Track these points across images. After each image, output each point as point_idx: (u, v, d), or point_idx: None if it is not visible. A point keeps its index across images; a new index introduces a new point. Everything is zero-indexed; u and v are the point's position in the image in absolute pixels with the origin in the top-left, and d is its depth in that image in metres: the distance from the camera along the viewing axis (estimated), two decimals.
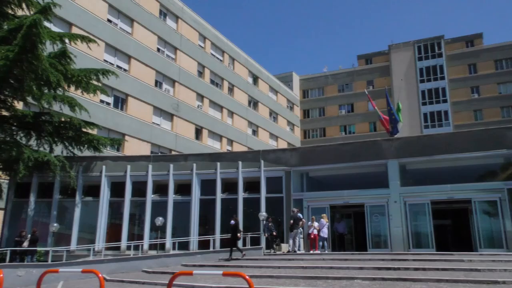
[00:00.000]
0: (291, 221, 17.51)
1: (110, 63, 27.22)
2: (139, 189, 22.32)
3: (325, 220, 18.08)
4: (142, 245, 20.16)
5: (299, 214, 17.96)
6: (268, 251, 17.57)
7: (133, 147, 27.65)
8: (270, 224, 17.95)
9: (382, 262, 12.51)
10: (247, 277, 5.39)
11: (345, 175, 21.14)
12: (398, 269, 11.15)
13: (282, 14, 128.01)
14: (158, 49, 31.35)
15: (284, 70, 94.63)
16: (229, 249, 16.19)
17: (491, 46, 46.90)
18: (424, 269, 10.91)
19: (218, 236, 20.45)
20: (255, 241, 19.26)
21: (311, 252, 17.31)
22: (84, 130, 21.59)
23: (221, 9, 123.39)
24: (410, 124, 45.09)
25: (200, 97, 34.87)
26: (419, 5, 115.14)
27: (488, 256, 13.09)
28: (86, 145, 21.71)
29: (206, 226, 21.64)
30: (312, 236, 17.74)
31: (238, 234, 16.01)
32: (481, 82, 45.88)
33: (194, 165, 21.91)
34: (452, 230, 22.81)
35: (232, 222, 16.31)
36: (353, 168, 20.19)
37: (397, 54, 49.78)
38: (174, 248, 20.09)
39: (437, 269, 10.84)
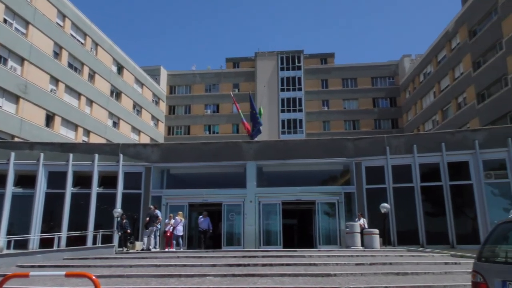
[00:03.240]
0: (147, 219, 17.05)
1: None
2: None
3: (179, 218, 17.98)
4: None
5: (157, 212, 17.60)
6: (121, 249, 16.79)
7: None
8: (124, 221, 17.19)
9: (234, 259, 13.02)
10: (93, 277, 5.06)
11: (206, 174, 21.50)
12: (248, 265, 11.75)
13: (153, 5, 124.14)
14: (5, 20, 27.33)
15: (152, 63, 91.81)
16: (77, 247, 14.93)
17: (340, 65, 53.09)
18: (271, 264, 11.72)
19: (64, 233, 18.78)
20: (108, 239, 18.23)
21: (166, 250, 17.11)
22: None
23: None
24: (269, 129, 48.10)
25: (55, 80, 31.48)
26: (284, 19, 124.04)
27: (325, 252, 14.69)
28: None
29: (51, 222, 19.67)
30: (168, 234, 17.56)
31: None
32: (330, 96, 51.54)
33: (42, 154, 19.75)
34: (298, 228, 25.07)
35: None
36: (214, 168, 20.66)
37: (262, 62, 52.68)
38: (9, 247, 17.74)
39: (282, 265, 11.76)
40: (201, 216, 18.50)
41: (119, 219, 17.56)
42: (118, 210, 18.12)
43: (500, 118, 29.19)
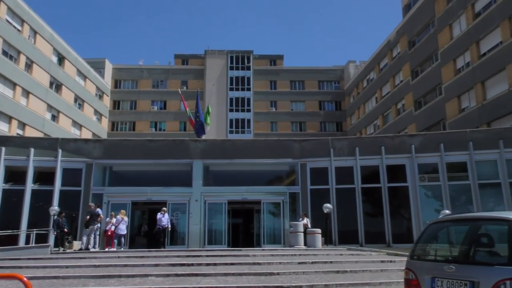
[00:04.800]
0: (87, 217, 16.34)
1: None
2: None
3: (121, 216, 17.43)
4: None
5: (98, 210, 16.94)
6: (57, 249, 15.97)
7: None
8: (61, 219, 16.34)
9: (177, 258, 12.83)
10: (24, 279, 4.76)
11: (151, 171, 21.02)
12: (192, 265, 11.63)
13: None
14: None
15: (96, 55, 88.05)
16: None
17: (289, 68, 54.03)
18: (215, 264, 11.68)
19: None
20: (43, 239, 17.26)
21: (107, 249, 16.52)
22: None
23: None
24: (217, 128, 47.91)
25: None
26: (235, 19, 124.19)
27: (269, 251, 14.88)
28: None
29: None
30: (109, 233, 16.98)
31: None
32: (279, 98, 52.31)
33: None
34: (244, 228, 25.20)
35: None
36: (160, 166, 20.23)
37: (212, 60, 52.35)
38: None
39: (226, 264, 11.76)
40: (160, 213, 17.84)
41: (55, 217, 16.68)
42: (55, 208, 17.21)
43: (435, 125, 31.18)
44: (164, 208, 18.21)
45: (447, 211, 15.64)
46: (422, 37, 33.75)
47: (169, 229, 18.28)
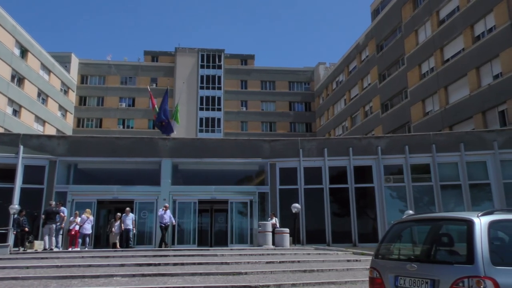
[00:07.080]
0: (43, 216, 15.81)
1: None
2: None
3: (86, 215, 16.99)
4: None
5: (62, 208, 16.43)
6: (17, 249, 15.37)
7: None
8: (22, 218, 15.73)
9: (144, 258, 12.63)
10: None
11: (118, 169, 20.58)
12: (159, 264, 11.48)
13: None
14: None
15: (62, 49, 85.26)
16: None
17: (260, 68, 54.15)
18: (182, 264, 11.57)
19: None
20: (2, 239, 16.57)
21: (70, 249, 16.05)
22: None
23: None
24: (187, 126, 47.46)
25: None
26: (205, 17, 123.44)
27: (237, 251, 14.88)
28: None
29: None
30: (72, 233, 16.51)
31: None
32: (249, 97, 52.37)
33: None
34: (213, 227, 25.07)
35: None
36: (127, 164, 19.85)
37: (182, 58, 51.76)
38: None
39: (194, 264, 11.67)
40: (161, 209, 17.33)
41: (16, 216, 16.05)
42: (15, 207, 16.55)
43: (400, 127, 32.08)
44: (166, 205, 17.79)
45: (411, 212, 16.12)
46: (390, 41, 34.66)
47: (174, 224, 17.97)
